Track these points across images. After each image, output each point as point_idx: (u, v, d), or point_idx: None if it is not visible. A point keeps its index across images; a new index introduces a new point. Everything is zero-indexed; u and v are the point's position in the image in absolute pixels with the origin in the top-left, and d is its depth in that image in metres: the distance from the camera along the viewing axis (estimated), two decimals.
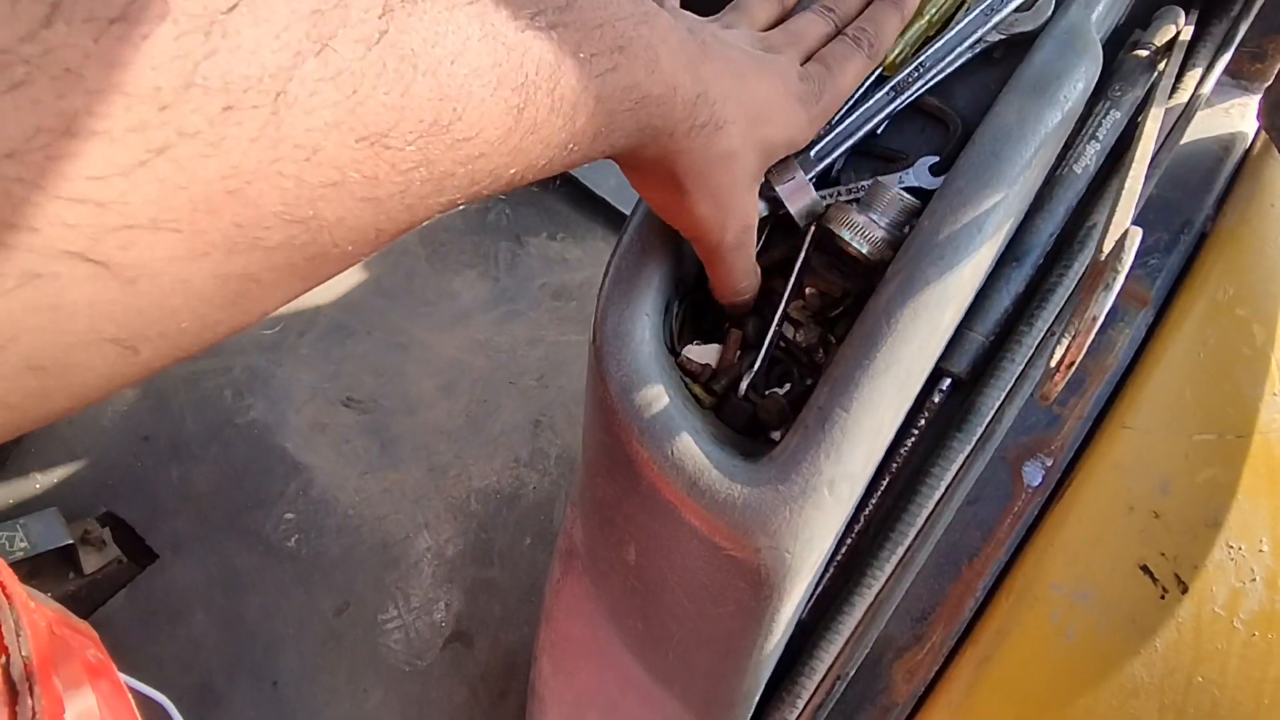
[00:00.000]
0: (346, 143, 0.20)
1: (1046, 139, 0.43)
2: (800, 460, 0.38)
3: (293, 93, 0.18)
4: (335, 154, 0.20)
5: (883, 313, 0.39)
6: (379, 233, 0.23)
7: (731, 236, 0.39)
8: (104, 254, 0.17)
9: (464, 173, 0.24)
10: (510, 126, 0.24)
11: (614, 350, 0.43)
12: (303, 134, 0.19)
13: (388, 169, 0.21)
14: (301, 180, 0.20)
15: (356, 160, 0.20)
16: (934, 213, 0.41)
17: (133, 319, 0.18)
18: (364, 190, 0.21)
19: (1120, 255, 0.23)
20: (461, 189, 0.24)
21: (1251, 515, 0.48)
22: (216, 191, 0.18)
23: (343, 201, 0.21)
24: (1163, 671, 0.47)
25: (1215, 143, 0.61)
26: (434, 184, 0.23)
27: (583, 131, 0.27)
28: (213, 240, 0.19)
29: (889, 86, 0.47)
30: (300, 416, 1.16)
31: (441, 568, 1.04)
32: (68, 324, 0.17)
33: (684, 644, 0.47)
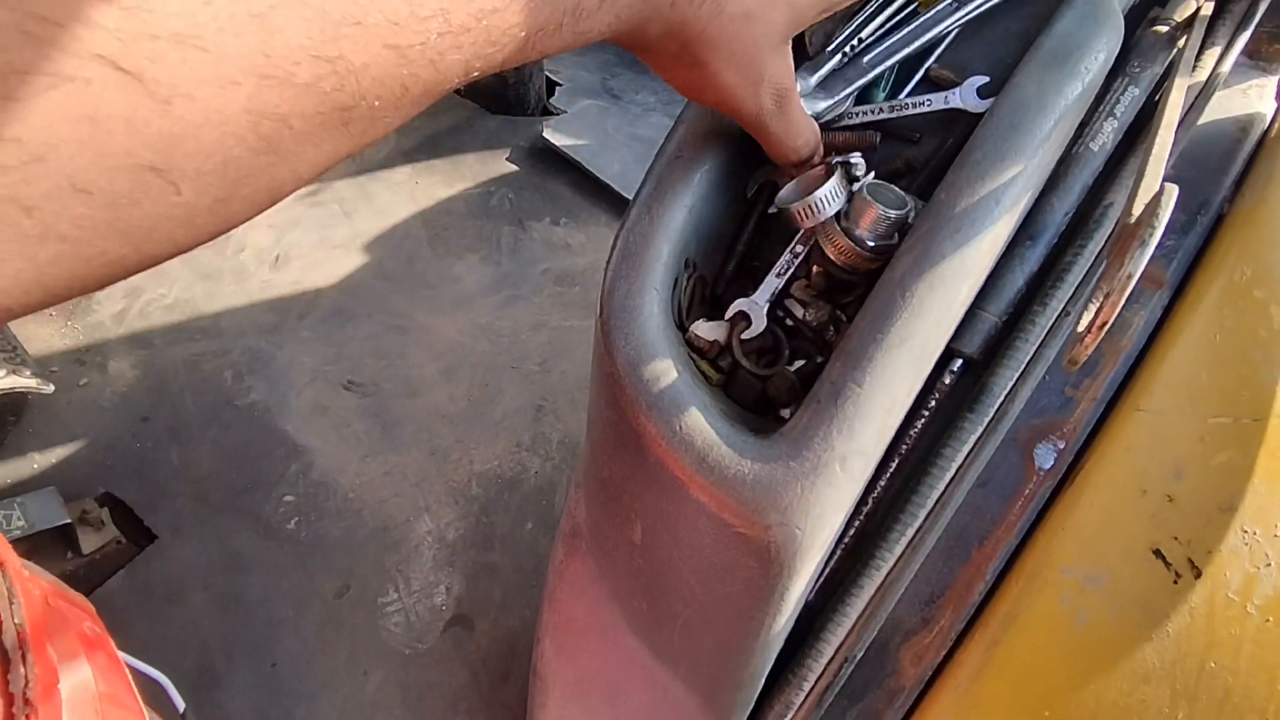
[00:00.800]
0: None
1: (1067, 111, 0.42)
2: (812, 435, 0.37)
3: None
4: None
5: (897, 286, 0.38)
6: (405, 90, 0.23)
7: (769, 103, 0.37)
8: (134, 64, 0.17)
9: (480, 29, 0.24)
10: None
11: (621, 324, 0.43)
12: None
13: (408, 14, 0.21)
14: (325, 12, 0.20)
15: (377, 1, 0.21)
16: (951, 184, 0.40)
17: (169, 146, 0.18)
18: (387, 35, 0.21)
19: (1156, 212, 0.22)
20: (478, 48, 0.24)
21: (1267, 499, 0.48)
22: (241, 12, 0.18)
23: (368, 45, 0.21)
24: (1174, 657, 0.46)
25: (1233, 123, 0.60)
26: (452, 39, 0.23)
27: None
28: (242, 66, 0.18)
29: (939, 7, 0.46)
30: (301, 399, 1.15)
31: (442, 551, 1.03)
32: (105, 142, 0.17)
33: (690, 624, 0.46)
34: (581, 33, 0.29)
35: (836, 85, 0.45)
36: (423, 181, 1.39)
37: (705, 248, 0.48)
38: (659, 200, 0.45)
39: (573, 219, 1.34)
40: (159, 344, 1.19)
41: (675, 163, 0.46)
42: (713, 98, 0.37)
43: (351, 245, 1.28)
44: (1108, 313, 0.23)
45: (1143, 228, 0.22)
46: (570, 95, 1.70)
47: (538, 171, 1.45)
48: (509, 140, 1.56)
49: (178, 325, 1.21)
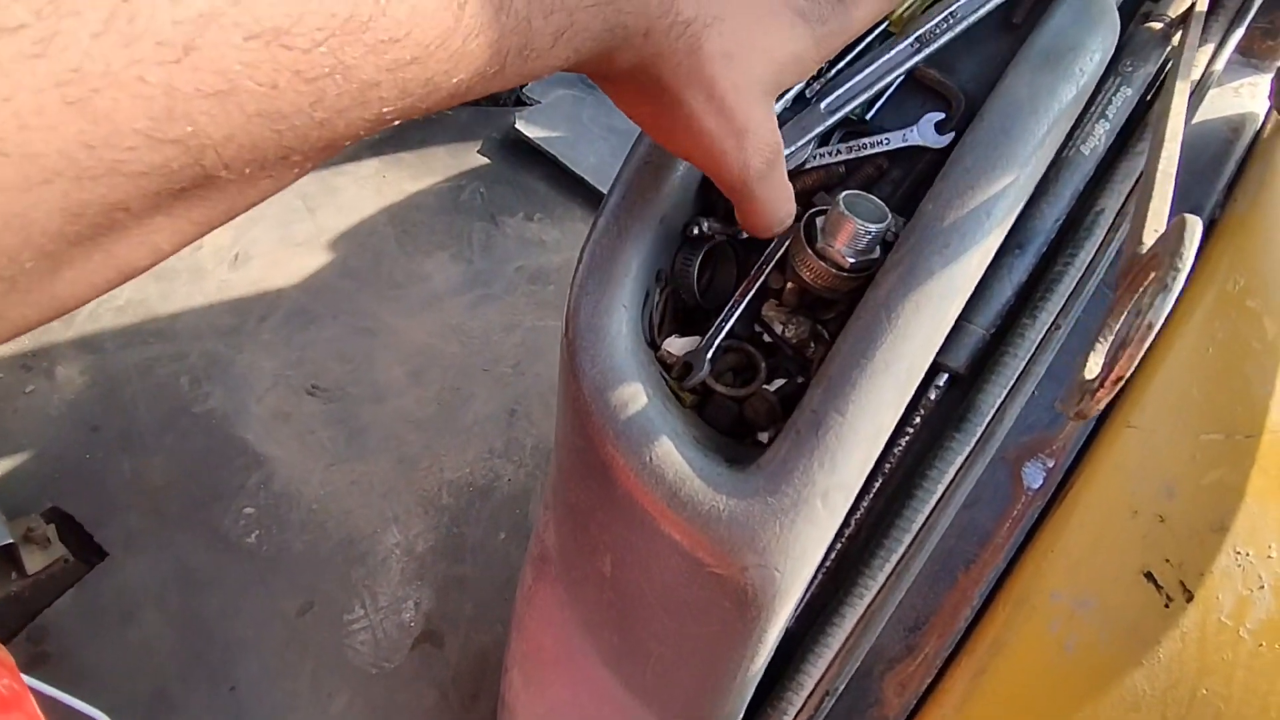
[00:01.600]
0: (232, 41, 0.16)
1: (1060, 115, 0.40)
2: (791, 469, 0.34)
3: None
4: (216, 55, 0.16)
5: (882, 306, 0.36)
6: (287, 152, 0.19)
7: (756, 162, 0.33)
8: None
9: (391, 81, 0.20)
10: (450, 27, 0.20)
11: (588, 345, 0.40)
12: (168, 27, 0.16)
13: (290, 76, 0.18)
14: (173, 89, 0.16)
15: (247, 63, 0.17)
16: (938, 196, 0.38)
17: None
18: (260, 103, 0.17)
19: (1180, 250, 0.20)
20: (391, 102, 0.20)
21: (1260, 519, 0.46)
22: (52, 102, 0.15)
23: (231, 116, 0.17)
24: (1165, 684, 0.45)
25: (1225, 124, 0.58)
26: (353, 95, 0.19)
27: (540, 34, 0.23)
28: (53, 165, 0.15)
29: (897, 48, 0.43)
30: (261, 405, 1.11)
31: (411, 564, 1.00)
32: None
33: (663, 661, 0.43)
34: (529, 73, 0.25)
35: (793, 134, 0.42)
36: (390, 175, 1.34)
37: (679, 258, 0.45)
38: (627, 210, 0.42)
39: (547, 214, 1.31)
40: (110, 348, 1.13)
41: (645, 169, 0.43)
42: (686, 145, 0.33)
43: (315, 243, 1.23)
44: (1125, 366, 0.20)
45: (1162, 267, 0.20)
46: (544, 85, 1.65)
47: (510, 164, 1.40)
48: (480, 132, 1.51)
49: (130, 328, 1.15)
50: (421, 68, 0.20)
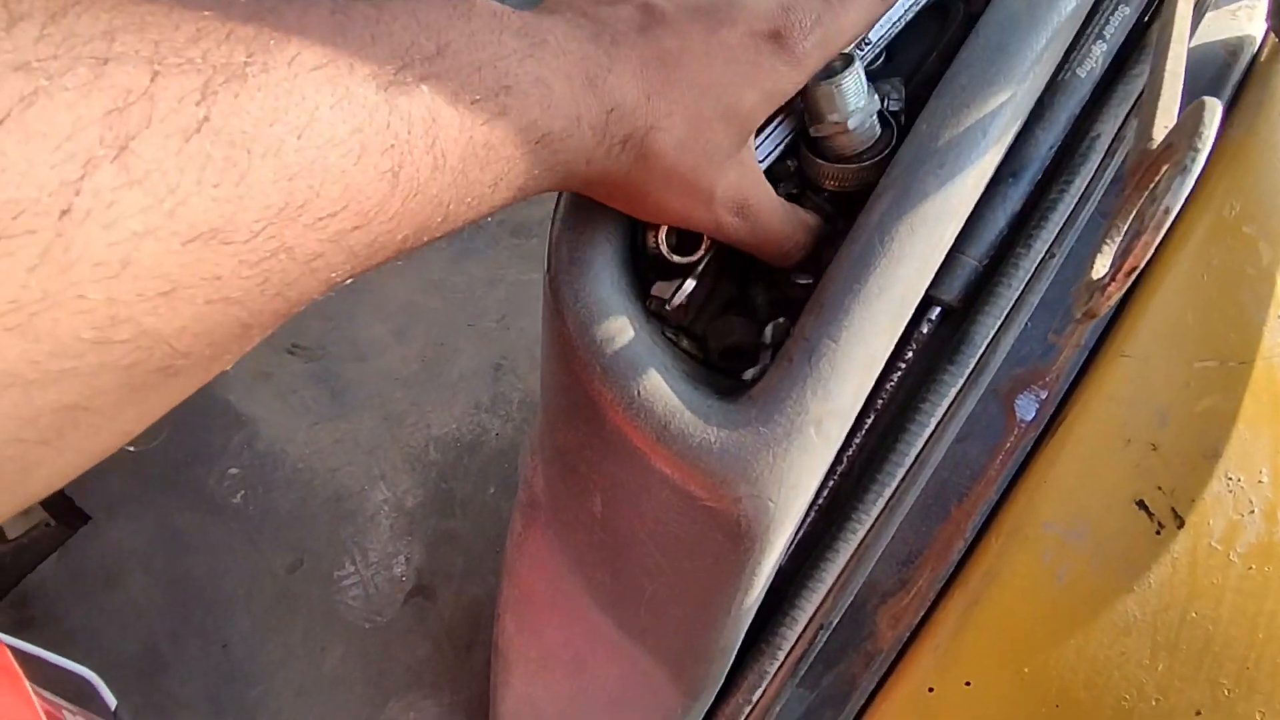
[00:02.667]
0: (169, 248, 0.17)
1: (1060, 29, 0.38)
2: (784, 398, 0.33)
3: (82, 208, 0.16)
4: (155, 263, 0.17)
5: (876, 229, 0.34)
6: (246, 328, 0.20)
7: (729, 218, 0.34)
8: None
9: (336, 249, 0.21)
10: (386, 193, 0.22)
11: (570, 279, 0.38)
12: (104, 249, 0.16)
13: (234, 264, 0.19)
14: (114, 299, 0.17)
15: (187, 264, 0.18)
16: (933, 114, 0.36)
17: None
18: (207, 293, 0.18)
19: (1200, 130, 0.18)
20: (340, 266, 0.22)
21: (1252, 445, 0.46)
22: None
23: (179, 310, 0.18)
24: (1155, 608, 0.45)
25: (1221, 47, 0.57)
26: (300, 268, 0.20)
27: (478, 183, 0.25)
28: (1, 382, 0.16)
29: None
30: (241, 365, 1.08)
31: (400, 520, 0.99)
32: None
33: (656, 599, 0.43)
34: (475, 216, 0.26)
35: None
36: None
37: None
38: None
39: None
40: None
41: None
42: (663, 220, 0.34)
43: None
44: (1140, 255, 0.19)
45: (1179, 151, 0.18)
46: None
47: None
48: None
49: None
50: (364, 233, 0.21)
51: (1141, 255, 0.19)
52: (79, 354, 0.17)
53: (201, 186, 0.17)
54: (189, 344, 0.19)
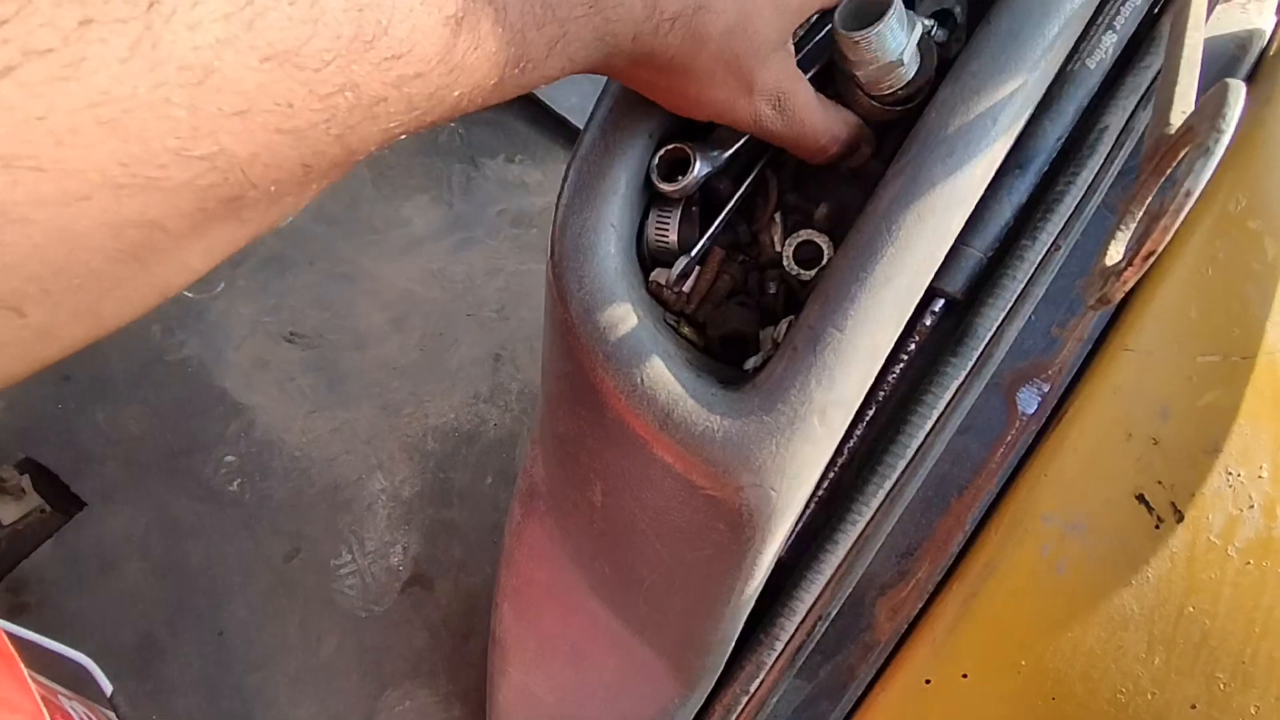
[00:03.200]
0: (248, 63, 0.17)
1: (1072, 17, 0.38)
2: (788, 386, 0.33)
3: (169, 2, 0.16)
4: (236, 77, 0.17)
5: (883, 218, 0.34)
6: (307, 170, 0.20)
7: (766, 109, 0.34)
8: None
9: (398, 96, 0.21)
10: (449, 42, 0.21)
11: (574, 266, 0.38)
12: (189, 52, 0.16)
13: (305, 94, 0.19)
14: (197, 109, 0.17)
15: (264, 84, 0.18)
16: (943, 102, 0.36)
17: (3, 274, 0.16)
18: (279, 120, 0.19)
19: (1224, 112, 0.18)
20: (399, 115, 0.22)
21: (1253, 440, 0.46)
22: (86, 122, 0.16)
23: (254, 134, 0.18)
24: (1153, 602, 0.45)
25: (1231, 40, 0.56)
26: (364, 110, 0.20)
27: (534, 45, 0.24)
28: (91, 181, 0.16)
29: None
30: (239, 353, 1.08)
31: (398, 510, 0.99)
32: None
33: (655, 590, 0.43)
34: (526, 84, 0.26)
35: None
36: None
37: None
38: (615, 125, 0.40)
39: (529, 155, 1.26)
40: None
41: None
42: (701, 113, 0.34)
43: None
44: (1158, 239, 0.19)
45: (1201, 133, 0.18)
46: None
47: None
48: None
49: None
50: (425, 82, 0.21)
51: (1160, 239, 0.19)
52: (163, 164, 0.17)
53: (279, 2, 0.18)
54: (259, 174, 0.19)
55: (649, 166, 0.37)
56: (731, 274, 0.40)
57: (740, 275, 0.41)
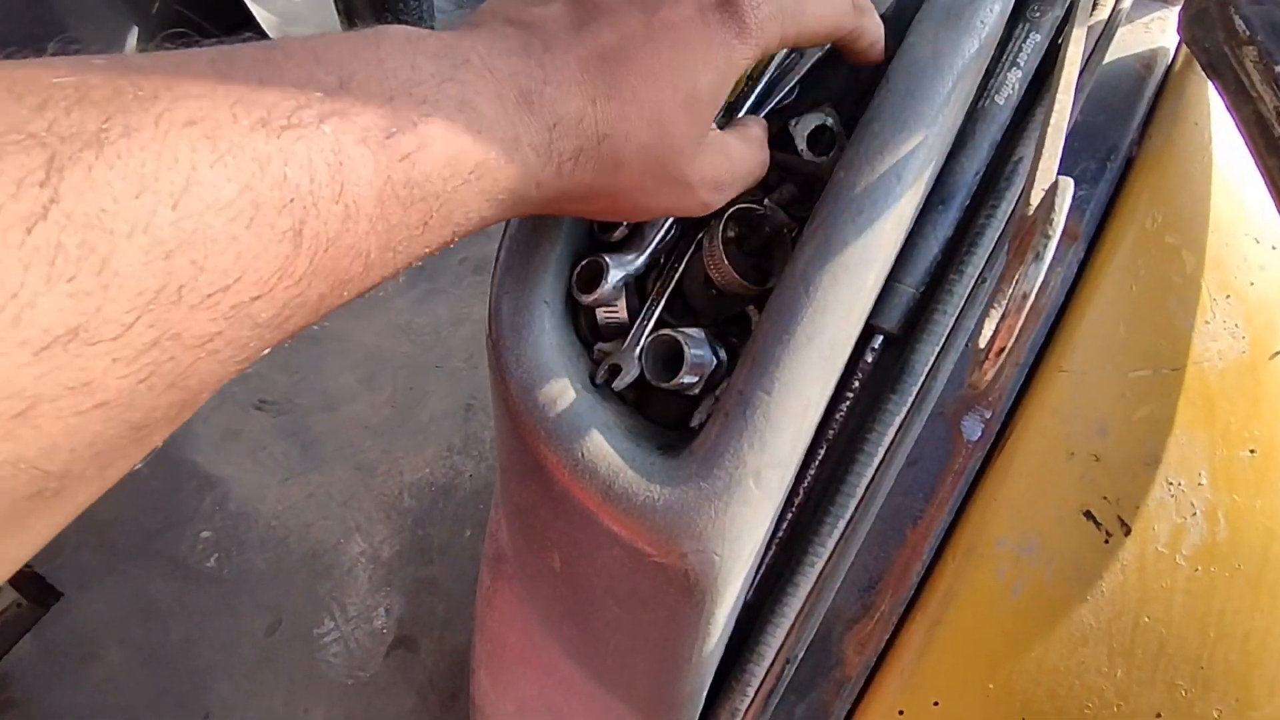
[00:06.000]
0: (18, 361, 0.15)
1: (965, 71, 0.39)
2: (722, 452, 0.34)
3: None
4: (2, 380, 0.15)
5: (800, 279, 0.35)
6: (139, 430, 0.18)
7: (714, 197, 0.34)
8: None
9: (236, 326, 0.18)
10: (288, 255, 0.19)
11: (511, 345, 0.39)
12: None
13: (105, 364, 0.16)
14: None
15: (45, 374, 0.15)
16: (849, 163, 0.37)
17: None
18: (75, 403, 0.16)
19: (1051, 216, 0.19)
20: (244, 342, 0.19)
21: (1189, 449, 0.47)
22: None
23: (43, 428, 0.16)
24: (1110, 616, 0.46)
25: (1137, 61, 0.59)
26: (194, 353, 0.18)
27: (403, 226, 0.22)
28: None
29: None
30: (209, 425, 1.08)
31: (378, 571, 0.99)
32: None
33: (621, 650, 0.44)
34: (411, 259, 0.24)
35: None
36: None
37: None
38: None
39: None
40: None
41: None
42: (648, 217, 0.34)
43: None
44: (1004, 339, 0.20)
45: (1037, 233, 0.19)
46: None
47: None
48: None
49: None
50: (267, 302, 0.19)
51: (1007, 338, 0.20)
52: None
53: (53, 283, 0.15)
54: (64, 462, 0.16)
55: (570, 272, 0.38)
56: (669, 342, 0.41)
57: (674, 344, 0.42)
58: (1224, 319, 0.49)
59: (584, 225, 0.42)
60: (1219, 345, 0.49)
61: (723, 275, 0.39)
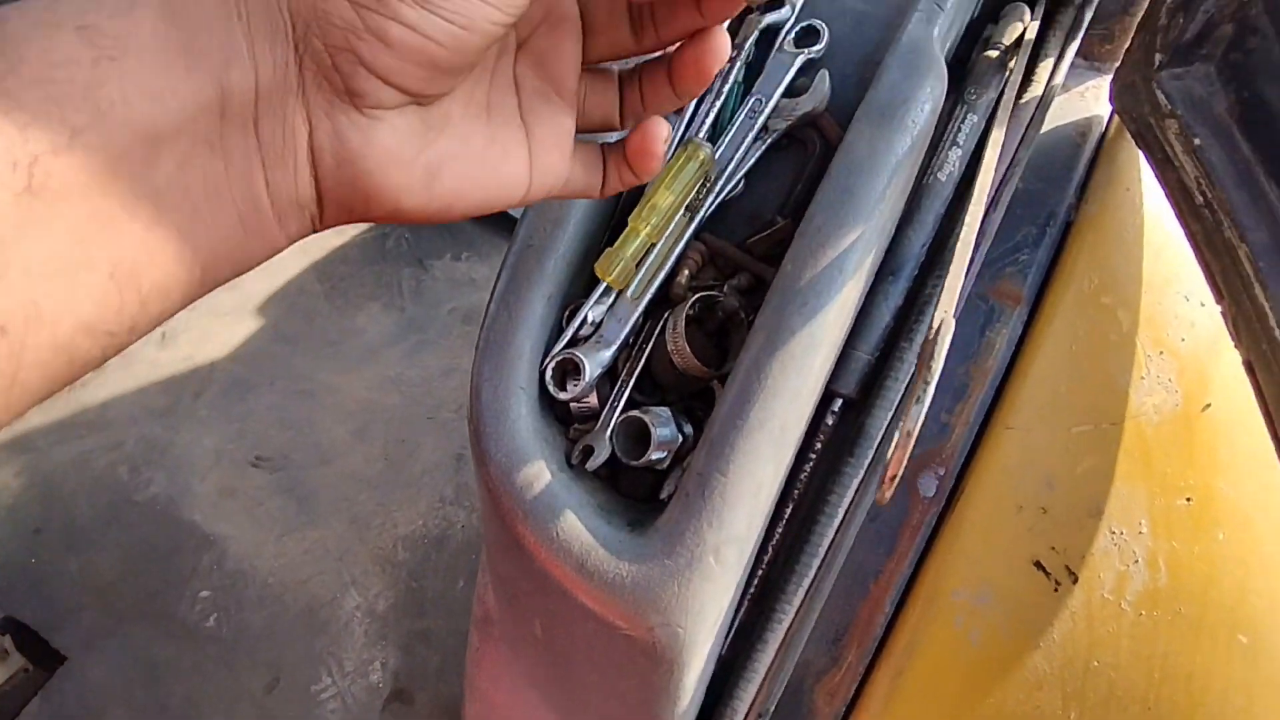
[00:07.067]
0: None
1: (899, 166, 0.43)
2: (683, 530, 0.37)
3: None
4: None
5: (752, 369, 0.39)
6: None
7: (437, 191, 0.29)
8: None
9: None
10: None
11: (491, 431, 0.42)
12: None
13: None
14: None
15: None
16: (795, 257, 0.41)
17: None
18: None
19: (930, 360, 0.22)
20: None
21: (1130, 500, 0.50)
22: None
23: None
24: (1061, 661, 0.49)
25: (1073, 128, 0.63)
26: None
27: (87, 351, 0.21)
28: None
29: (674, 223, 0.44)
30: (206, 484, 1.10)
31: (374, 625, 1.01)
32: None
33: (602, 711, 0.46)
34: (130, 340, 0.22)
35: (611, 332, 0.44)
36: None
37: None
38: (515, 294, 0.44)
39: (475, 252, 1.32)
40: (43, 445, 1.11)
41: (528, 253, 0.45)
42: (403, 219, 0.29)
43: (243, 310, 1.22)
44: (894, 468, 0.23)
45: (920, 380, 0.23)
46: None
47: None
48: None
49: (62, 422, 1.13)
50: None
51: (896, 468, 0.23)
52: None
53: None
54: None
55: (542, 372, 0.41)
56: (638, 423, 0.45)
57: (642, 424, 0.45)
58: (1158, 374, 0.53)
59: (555, 314, 0.45)
60: (1154, 400, 0.52)
61: (684, 360, 0.42)
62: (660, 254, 0.44)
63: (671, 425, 0.43)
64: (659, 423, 0.42)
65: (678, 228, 0.44)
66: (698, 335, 0.45)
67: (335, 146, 0.24)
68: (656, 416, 0.42)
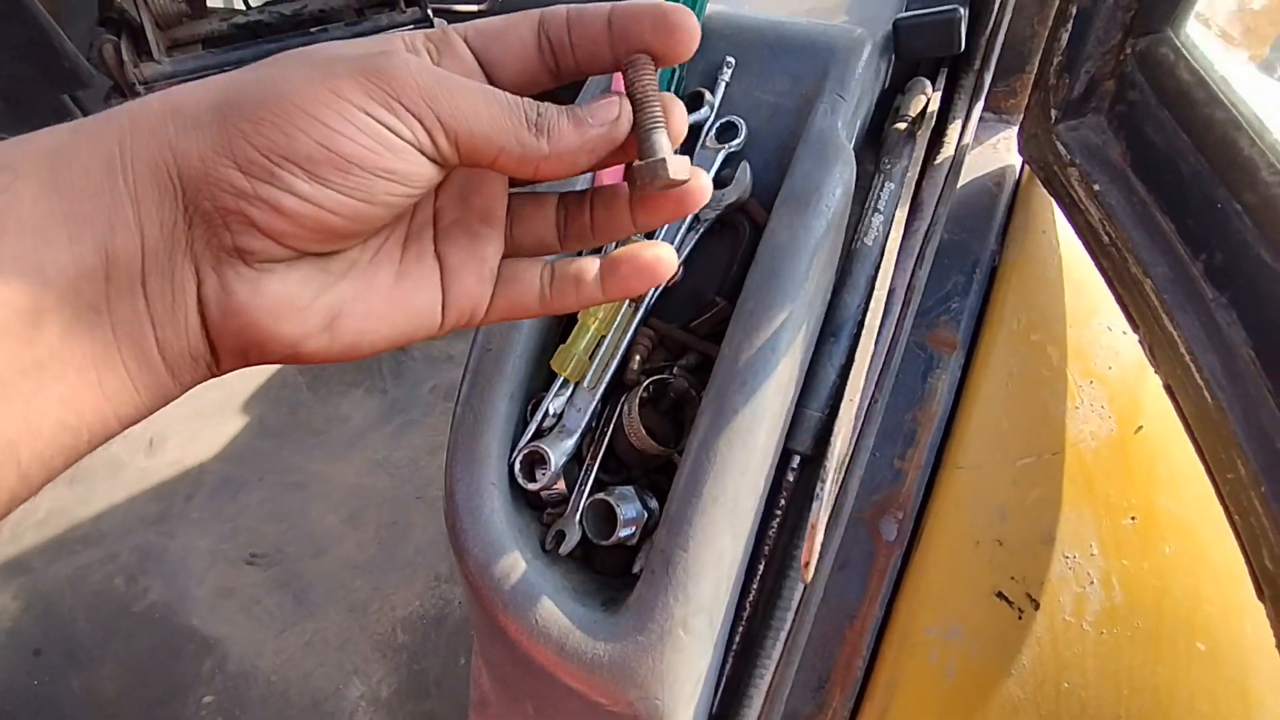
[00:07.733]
0: None
1: (819, 246, 0.47)
2: (652, 606, 0.40)
3: None
4: None
5: (700, 449, 0.42)
6: None
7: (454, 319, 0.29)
8: None
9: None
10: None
11: (467, 527, 0.45)
12: None
13: None
14: None
15: None
16: (731, 339, 0.44)
17: None
18: None
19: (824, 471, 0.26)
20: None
21: (1078, 524, 0.53)
22: None
23: None
24: (1033, 686, 0.51)
25: (989, 179, 0.68)
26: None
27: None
28: None
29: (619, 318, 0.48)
30: (203, 587, 1.11)
31: (379, 713, 1.01)
32: None
33: None
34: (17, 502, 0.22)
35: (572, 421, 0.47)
36: None
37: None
38: (478, 396, 0.47)
39: None
40: (38, 565, 1.12)
41: (486, 355, 0.48)
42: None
43: (227, 409, 1.25)
44: (806, 556, 0.26)
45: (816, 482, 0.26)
46: None
47: None
48: None
49: (55, 540, 1.14)
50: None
51: (808, 557, 0.26)
52: None
53: None
54: None
55: (511, 465, 0.44)
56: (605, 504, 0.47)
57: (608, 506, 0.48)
58: (1091, 402, 0.56)
59: (519, 408, 0.48)
60: (1090, 427, 0.55)
61: (641, 441, 0.45)
62: (611, 344, 0.48)
63: (636, 503, 0.46)
64: (624, 503, 0.45)
65: (624, 319, 0.48)
66: (653, 415, 0.49)
67: (221, 299, 0.24)
68: (621, 497, 0.45)
